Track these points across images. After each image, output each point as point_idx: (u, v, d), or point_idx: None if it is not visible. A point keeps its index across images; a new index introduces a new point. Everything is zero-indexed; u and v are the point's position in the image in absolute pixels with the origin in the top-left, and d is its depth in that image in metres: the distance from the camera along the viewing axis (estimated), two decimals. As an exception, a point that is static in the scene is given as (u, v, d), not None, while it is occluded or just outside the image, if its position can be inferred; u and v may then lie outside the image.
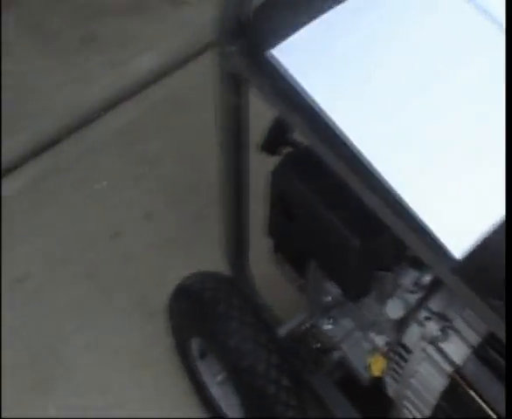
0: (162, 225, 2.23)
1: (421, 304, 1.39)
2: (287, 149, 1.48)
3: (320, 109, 1.14)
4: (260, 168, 1.45)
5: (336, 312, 1.57)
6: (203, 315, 1.65)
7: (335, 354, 1.59)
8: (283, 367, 1.58)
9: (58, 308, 2.10)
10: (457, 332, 1.34)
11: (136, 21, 2.64)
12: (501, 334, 1.04)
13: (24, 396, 1.97)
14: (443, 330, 1.35)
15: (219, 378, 1.77)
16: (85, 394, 1.98)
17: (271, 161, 1.43)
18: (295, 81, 1.17)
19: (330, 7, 1.25)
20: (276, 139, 1.49)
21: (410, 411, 1.45)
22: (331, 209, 1.31)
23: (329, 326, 1.58)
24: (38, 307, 2.10)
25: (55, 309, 2.10)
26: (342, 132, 1.13)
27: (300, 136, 1.40)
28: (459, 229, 1.07)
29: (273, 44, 1.20)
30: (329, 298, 1.56)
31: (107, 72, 2.53)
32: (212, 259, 1.71)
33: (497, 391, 1.27)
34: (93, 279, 2.14)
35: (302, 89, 1.16)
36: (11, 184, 2.33)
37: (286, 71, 1.17)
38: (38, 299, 2.12)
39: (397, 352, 1.44)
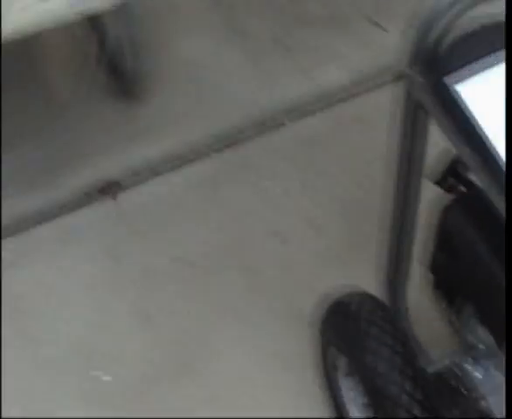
0: (326, 237, 2.24)
1: None
2: (461, 188, 1.46)
3: (496, 154, 1.12)
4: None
5: (488, 362, 1.53)
6: (355, 335, 1.66)
7: (479, 402, 1.55)
8: (426, 404, 1.56)
9: (210, 299, 2.16)
10: None
11: (332, 35, 2.66)
12: None
13: (170, 375, 2.05)
14: None
15: (360, 401, 1.77)
16: (225, 383, 2.03)
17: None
18: (476, 120, 1.15)
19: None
20: (453, 175, 1.47)
21: None
22: (496, 256, 1.29)
23: (479, 375, 1.54)
24: (192, 292, 2.18)
25: (207, 299, 2.16)
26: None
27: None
28: None
29: (460, 80, 1.18)
30: (483, 346, 1.52)
31: (295, 79, 2.56)
32: (369, 279, 1.71)
33: None
34: (250, 276, 2.19)
35: (481, 130, 1.14)
36: (193, 171, 2.42)
37: (467, 108, 1.16)
38: (193, 284, 2.19)
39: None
